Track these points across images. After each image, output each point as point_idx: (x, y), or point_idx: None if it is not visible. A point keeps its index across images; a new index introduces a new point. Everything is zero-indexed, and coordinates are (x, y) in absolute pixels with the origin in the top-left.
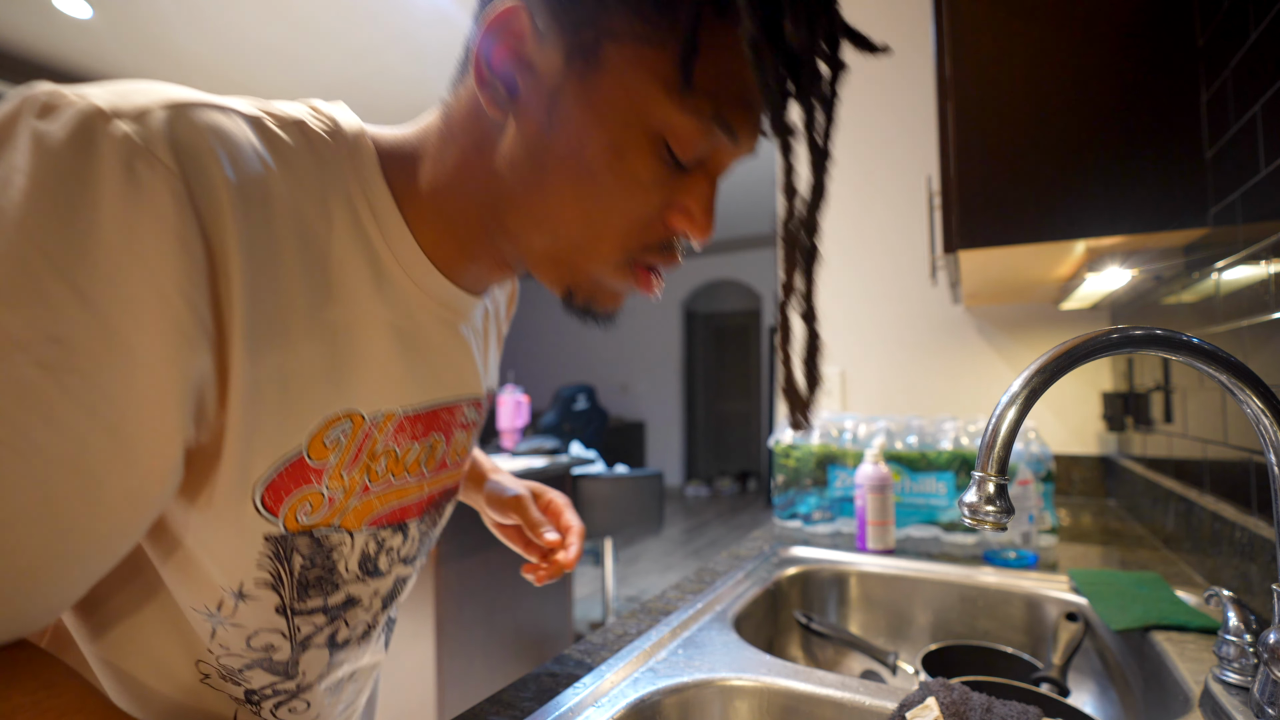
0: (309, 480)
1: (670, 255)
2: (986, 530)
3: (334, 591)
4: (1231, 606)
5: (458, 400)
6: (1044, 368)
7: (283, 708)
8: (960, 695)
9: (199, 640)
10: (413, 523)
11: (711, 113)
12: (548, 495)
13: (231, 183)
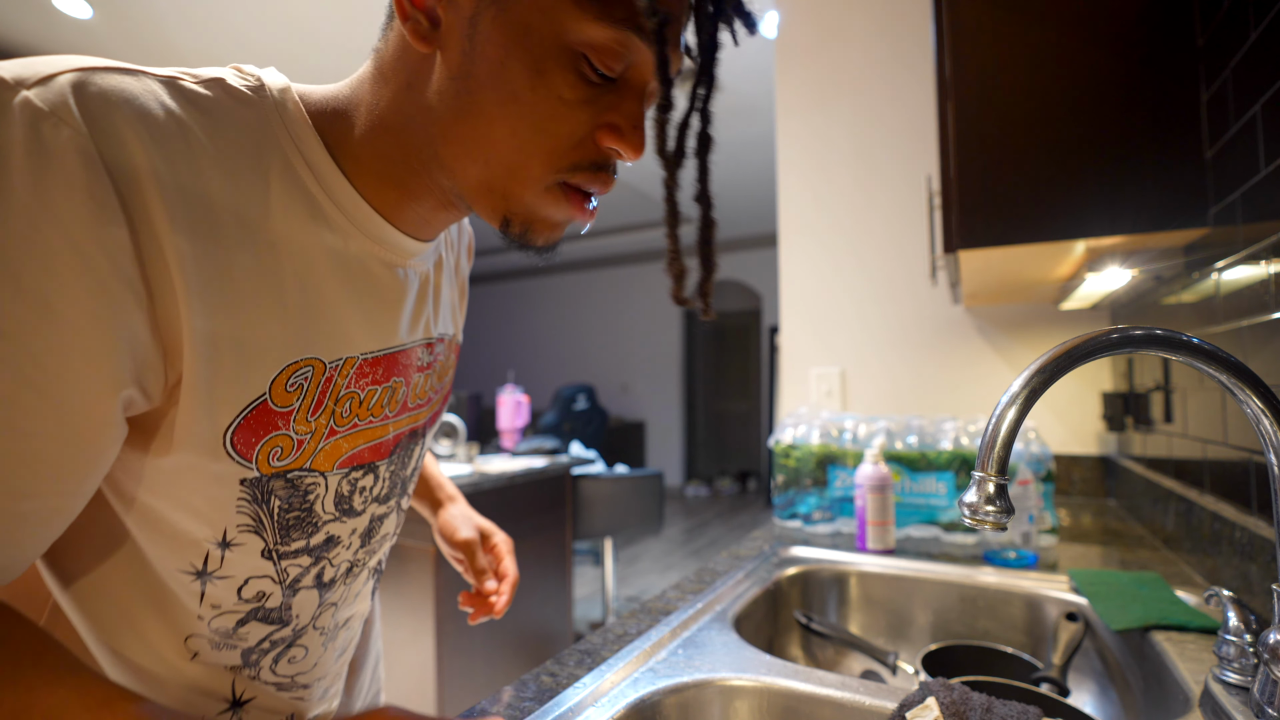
0: (276, 425)
1: (602, 177)
2: (986, 530)
3: (315, 532)
4: (1231, 606)
5: (411, 344)
6: (1044, 368)
7: (282, 660)
8: (960, 695)
9: (187, 612)
10: (381, 464)
11: (625, 19)
12: (494, 539)
13: (147, 142)
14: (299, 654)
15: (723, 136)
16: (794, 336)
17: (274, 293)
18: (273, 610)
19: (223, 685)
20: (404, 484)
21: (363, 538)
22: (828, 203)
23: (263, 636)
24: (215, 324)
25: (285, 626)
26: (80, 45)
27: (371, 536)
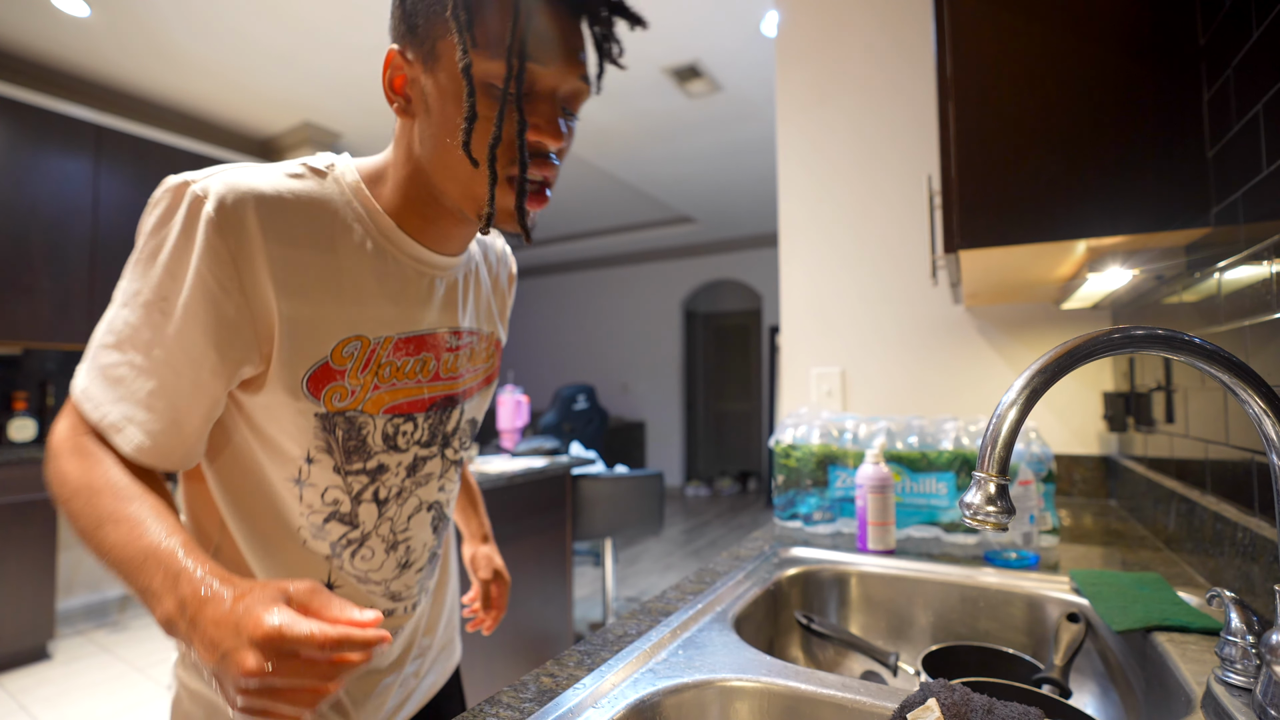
0: (334, 378)
1: (541, 163)
2: (987, 531)
3: (369, 458)
4: (1234, 607)
5: (436, 329)
6: (1045, 368)
7: (356, 556)
8: (961, 696)
9: (293, 510)
10: (419, 415)
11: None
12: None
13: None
14: (367, 554)
15: (723, 136)
16: (794, 336)
17: (334, 294)
18: (345, 514)
19: (320, 570)
20: (445, 437)
21: (409, 470)
22: (828, 202)
23: (340, 534)
24: (295, 312)
25: (355, 529)
26: (78, 44)
27: (417, 471)
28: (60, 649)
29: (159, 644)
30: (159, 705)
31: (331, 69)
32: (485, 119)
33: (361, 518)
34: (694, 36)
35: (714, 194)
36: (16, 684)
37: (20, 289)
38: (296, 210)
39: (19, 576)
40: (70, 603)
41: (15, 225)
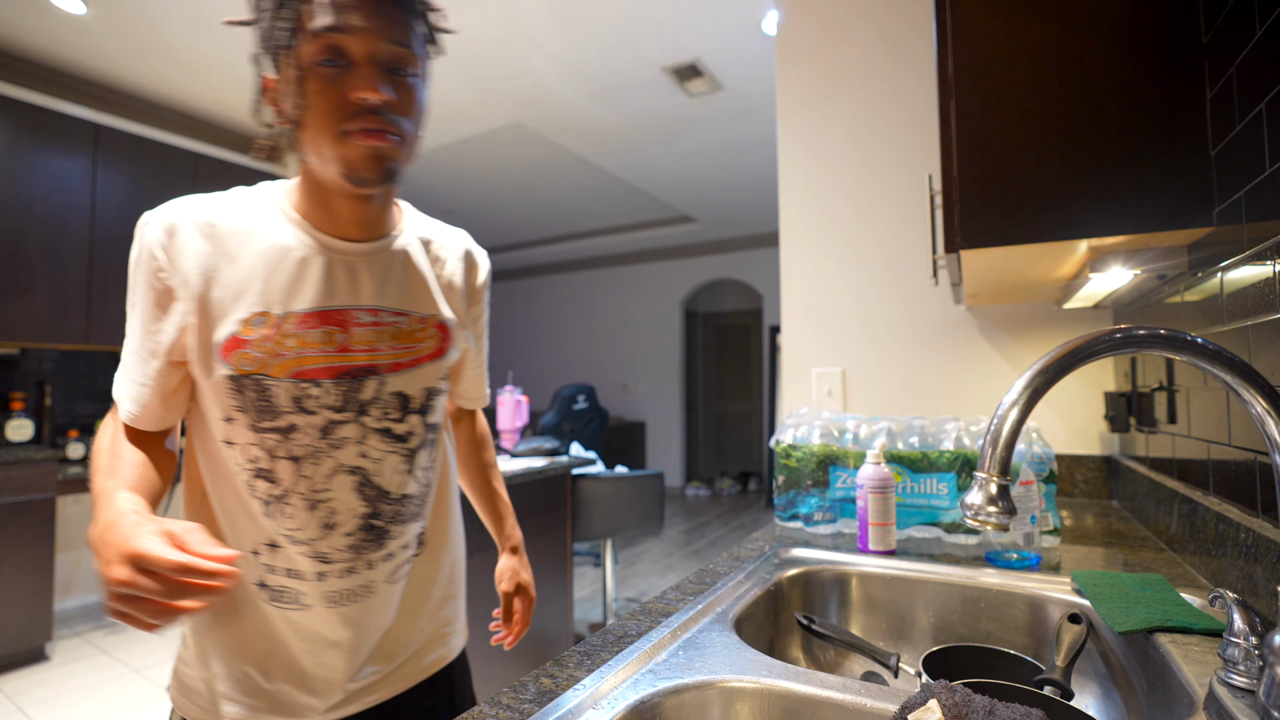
0: (242, 346)
1: (369, 119)
2: (989, 531)
3: (278, 418)
4: (1236, 608)
5: (346, 307)
6: (1046, 368)
7: (282, 514)
8: (962, 697)
9: (232, 470)
10: (326, 382)
11: (313, 27)
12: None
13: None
14: (291, 511)
15: (723, 135)
16: (795, 336)
17: (247, 277)
18: (265, 470)
19: (262, 532)
20: (362, 405)
21: (321, 431)
22: (829, 202)
23: (266, 491)
24: (211, 293)
25: (276, 485)
26: (75, 41)
27: (330, 434)
28: (58, 650)
29: (157, 646)
30: (157, 707)
31: None
32: (312, 92)
33: (279, 474)
34: (694, 35)
35: (714, 193)
36: (13, 685)
37: (17, 289)
38: (221, 216)
39: (16, 577)
40: (68, 604)
41: (12, 225)
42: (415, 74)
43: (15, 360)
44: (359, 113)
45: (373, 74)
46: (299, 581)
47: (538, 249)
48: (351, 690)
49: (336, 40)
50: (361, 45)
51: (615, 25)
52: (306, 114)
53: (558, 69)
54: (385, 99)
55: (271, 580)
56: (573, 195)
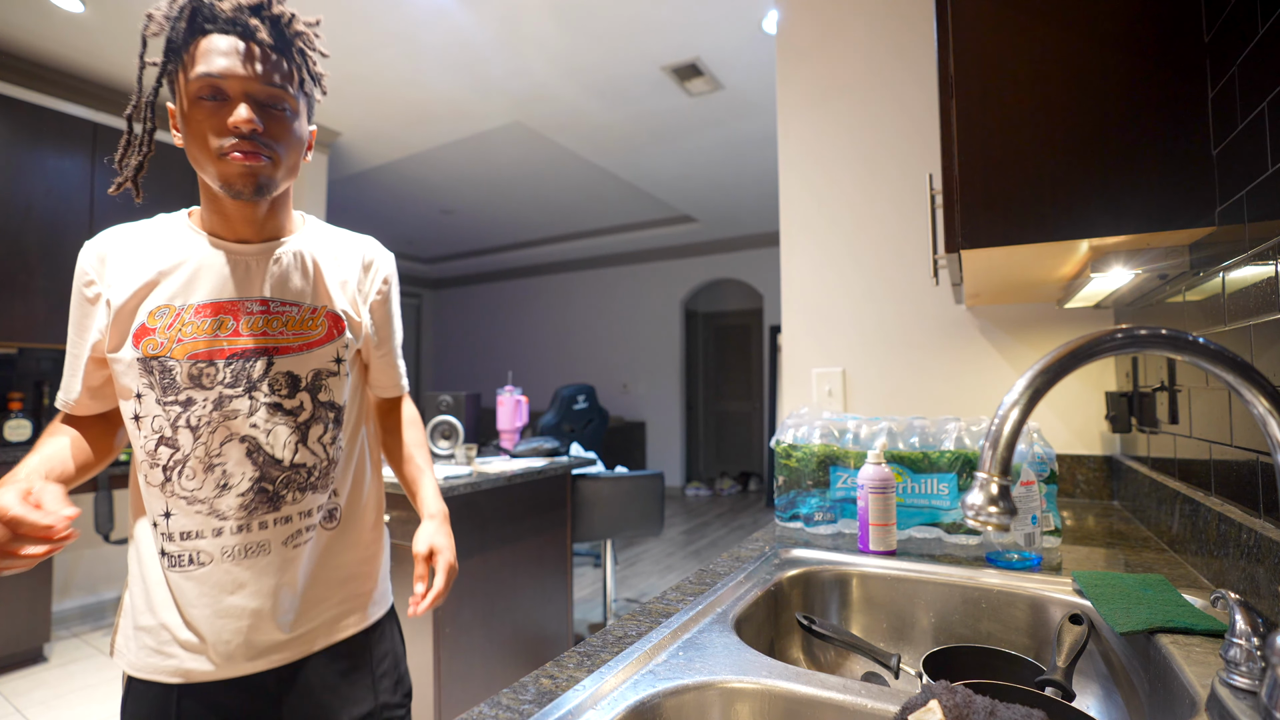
0: (149, 333)
1: (241, 145)
2: (989, 531)
3: (179, 393)
4: (1238, 609)
5: (237, 299)
6: (1047, 368)
7: (181, 475)
8: (963, 698)
9: (139, 442)
10: (219, 362)
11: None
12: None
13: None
14: (190, 473)
15: (724, 135)
16: (795, 336)
17: (153, 280)
18: (168, 438)
19: (159, 501)
20: (252, 381)
21: (215, 404)
22: (829, 201)
23: (168, 457)
24: (125, 293)
25: (177, 451)
26: (73, 40)
27: (223, 406)
28: (56, 651)
29: None
30: None
31: (330, 67)
32: (197, 120)
33: (180, 441)
34: (694, 34)
35: (715, 193)
36: (11, 687)
37: (15, 288)
38: (137, 236)
39: (14, 578)
40: (66, 605)
41: (10, 224)
42: (287, 108)
43: (13, 360)
44: (234, 138)
45: (246, 107)
46: (198, 541)
47: (538, 249)
48: (261, 647)
49: (214, 82)
50: (237, 86)
51: (615, 24)
52: (193, 139)
53: (558, 68)
54: (256, 127)
55: (169, 547)
56: (573, 195)
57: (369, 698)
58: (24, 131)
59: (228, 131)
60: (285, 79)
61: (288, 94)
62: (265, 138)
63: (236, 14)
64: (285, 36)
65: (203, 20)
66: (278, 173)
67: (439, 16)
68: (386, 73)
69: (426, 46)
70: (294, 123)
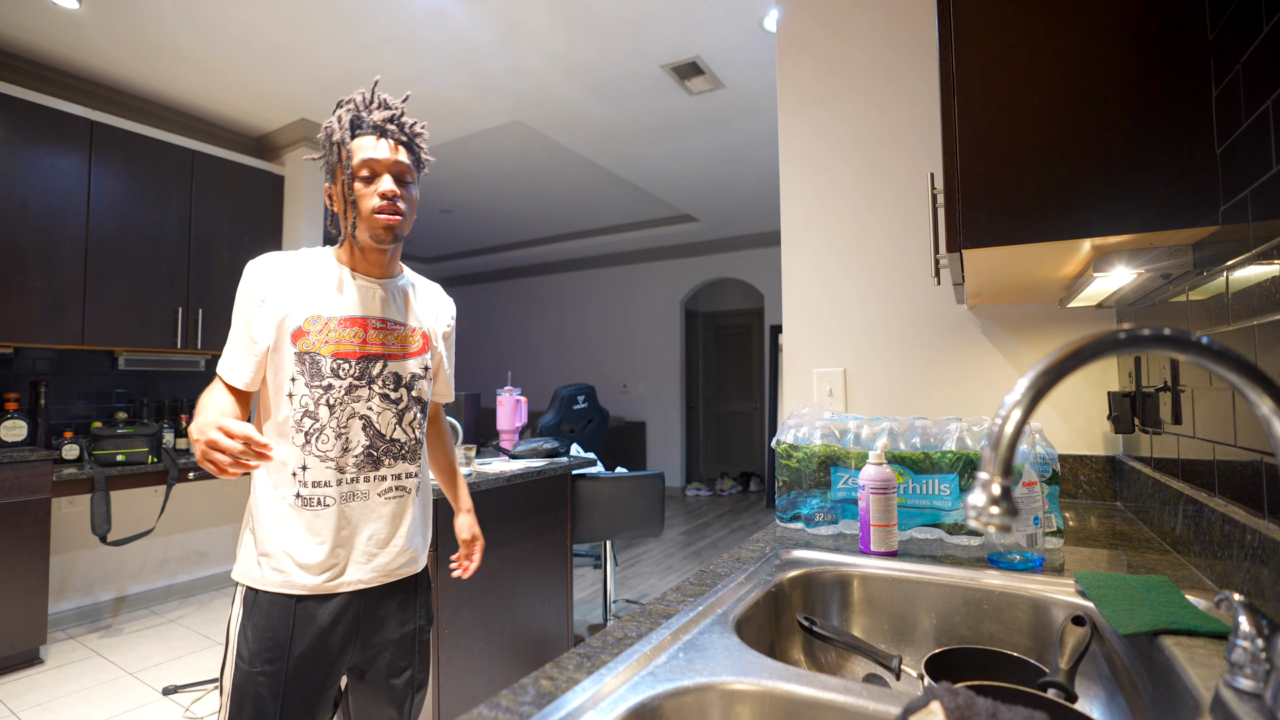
0: (304, 335)
1: (386, 205)
2: (991, 532)
3: (323, 380)
4: (1243, 611)
5: (367, 316)
6: (1050, 368)
7: (318, 440)
8: (965, 700)
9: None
10: (352, 360)
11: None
12: (475, 543)
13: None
14: (324, 439)
15: (725, 134)
16: (796, 336)
17: (307, 297)
18: (311, 412)
19: (298, 458)
20: (371, 377)
21: (346, 390)
22: (830, 201)
23: (310, 425)
24: (285, 306)
25: (317, 422)
26: (68, 38)
27: (351, 393)
28: (52, 653)
29: (152, 648)
30: (153, 709)
31: (329, 65)
32: (360, 192)
33: (320, 415)
34: (695, 33)
35: (715, 192)
36: (7, 689)
37: (11, 288)
38: (295, 261)
39: (11, 580)
40: (62, 606)
41: (6, 223)
42: (411, 180)
43: (9, 360)
44: (383, 200)
45: (389, 180)
46: (325, 488)
47: (538, 248)
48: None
49: (371, 164)
50: (383, 167)
51: (615, 23)
52: (353, 203)
53: (558, 67)
54: (396, 194)
55: (304, 492)
56: (573, 194)
57: (412, 620)
58: (20, 129)
59: (376, 200)
60: (411, 161)
61: (411, 170)
62: (399, 200)
63: (383, 122)
64: (408, 134)
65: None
66: (405, 225)
67: (438, 15)
68: (386, 71)
69: (426, 45)
70: (413, 190)
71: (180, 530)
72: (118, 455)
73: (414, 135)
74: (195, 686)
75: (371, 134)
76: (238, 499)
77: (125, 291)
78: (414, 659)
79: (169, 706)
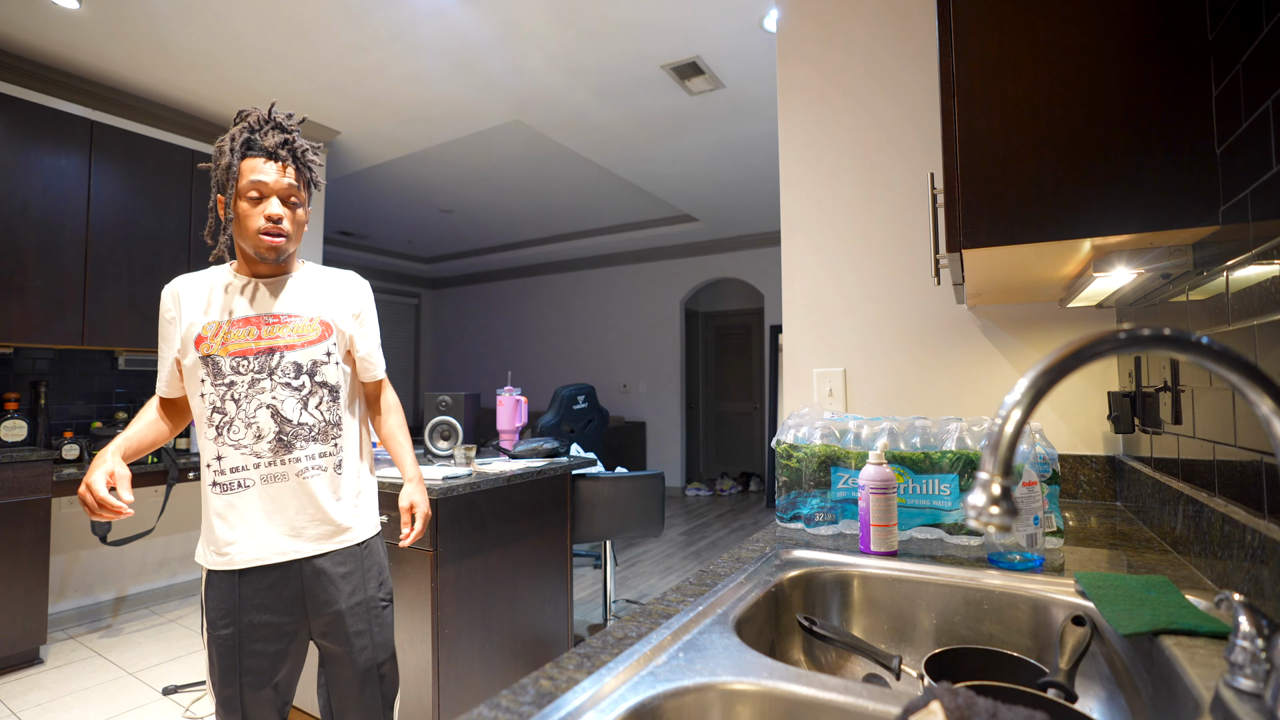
0: (204, 340)
1: (271, 227)
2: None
3: (225, 378)
4: (1243, 611)
5: (255, 315)
6: (1050, 368)
7: (230, 431)
8: (965, 700)
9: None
10: (250, 356)
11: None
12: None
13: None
14: (235, 429)
15: (725, 134)
16: (796, 336)
17: (207, 309)
18: (219, 407)
19: (211, 450)
20: (271, 369)
21: (248, 384)
22: (830, 200)
23: (220, 420)
24: (188, 318)
25: (225, 416)
26: (68, 38)
27: (253, 386)
28: (52, 653)
29: (152, 648)
30: (152, 709)
31: (327, 65)
32: (244, 212)
33: (227, 409)
34: (695, 33)
35: (715, 192)
36: (7, 689)
37: (11, 288)
38: (195, 280)
39: (11, 579)
40: (62, 606)
41: (6, 223)
42: (298, 201)
43: (9, 360)
44: (266, 223)
45: (276, 203)
46: (243, 473)
47: (538, 248)
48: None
49: (259, 186)
50: (270, 190)
51: (615, 23)
52: (239, 222)
53: (557, 66)
54: (281, 216)
55: (220, 479)
56: (572, 194)
57: (361, 590)
58: (20, 130)
59: (263, 221)
60: (300, 180)
61: (299, 190)
62: (284, 221)
63: (275, 146)
64: (298, 159)
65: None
66: (290, 243)
67: (438, 14)
68: (385, 70)
69: (425, 44)
70: (300, 210)
71: (180, 530)
72: None
73: (305, 160)
74: (195, 686)
75: (262, 156)
76: None
77: (125, 291)
78: (370, 629)
79: (169, 706)
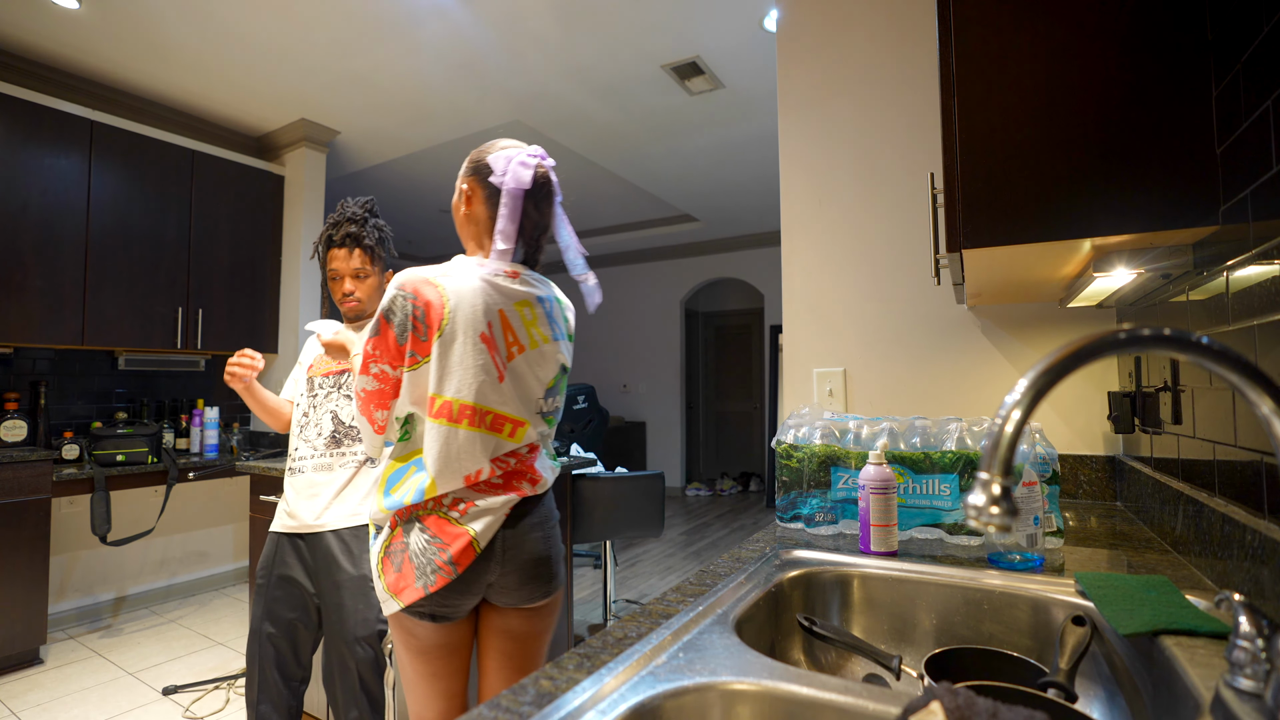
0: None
1: (347, 299)
2: (991, 532)
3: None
4: (1243, 611)
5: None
6: (1050, 368)
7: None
8: (965, 700)
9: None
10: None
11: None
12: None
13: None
14: (306, 425)
15: (725, 134)
16: (796, 336)
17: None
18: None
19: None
20: (341, 385)
21: (324, 395)
22: (830, 200)
23: (298, 420)
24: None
25: (306, 417)
26: (68, 38)
27: (327, 397)
28: (52, 653)
29: (152, 648)
30: (152, 710)
31: (328, 64)
32: (332, 285)
33: (307, 411)
34: (695, 33)
35: (715, 192)
36: (7, 689)
37: (11, 288)
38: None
39: (11, 580)
40: (62, 606)
41: (6, 223)
42: (365, 274)
43: (9, 360)
44: (344, 295)
45: (348, 283)
46: (304, 460)
47: None
48: (321, 519)
49: (336, 270)
50: (343, 273)
51: (616, 22)
52: (333, 294)
53: (557, 66)
54: (351, 291)
55: (292, 464)
56: (573, 194)
57: (365, 567)
58: (19, 130)
59: (342, 294)
60: (368, 259)
61: (369, 269)
62: (356, 292)
63: (345, 238)
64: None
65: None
66: (366, 307)
67: (438, 14)
68: (385, 70)
69: (426, 44)
70: (369, 279)
71: (180, 530)
72: (118, 455)
73: (367, 245)
74: (195, 686)
75: (339, 247)
76: (237, 499)
77: (125, 291)
78: (362, 602)
79: (169, 706)
